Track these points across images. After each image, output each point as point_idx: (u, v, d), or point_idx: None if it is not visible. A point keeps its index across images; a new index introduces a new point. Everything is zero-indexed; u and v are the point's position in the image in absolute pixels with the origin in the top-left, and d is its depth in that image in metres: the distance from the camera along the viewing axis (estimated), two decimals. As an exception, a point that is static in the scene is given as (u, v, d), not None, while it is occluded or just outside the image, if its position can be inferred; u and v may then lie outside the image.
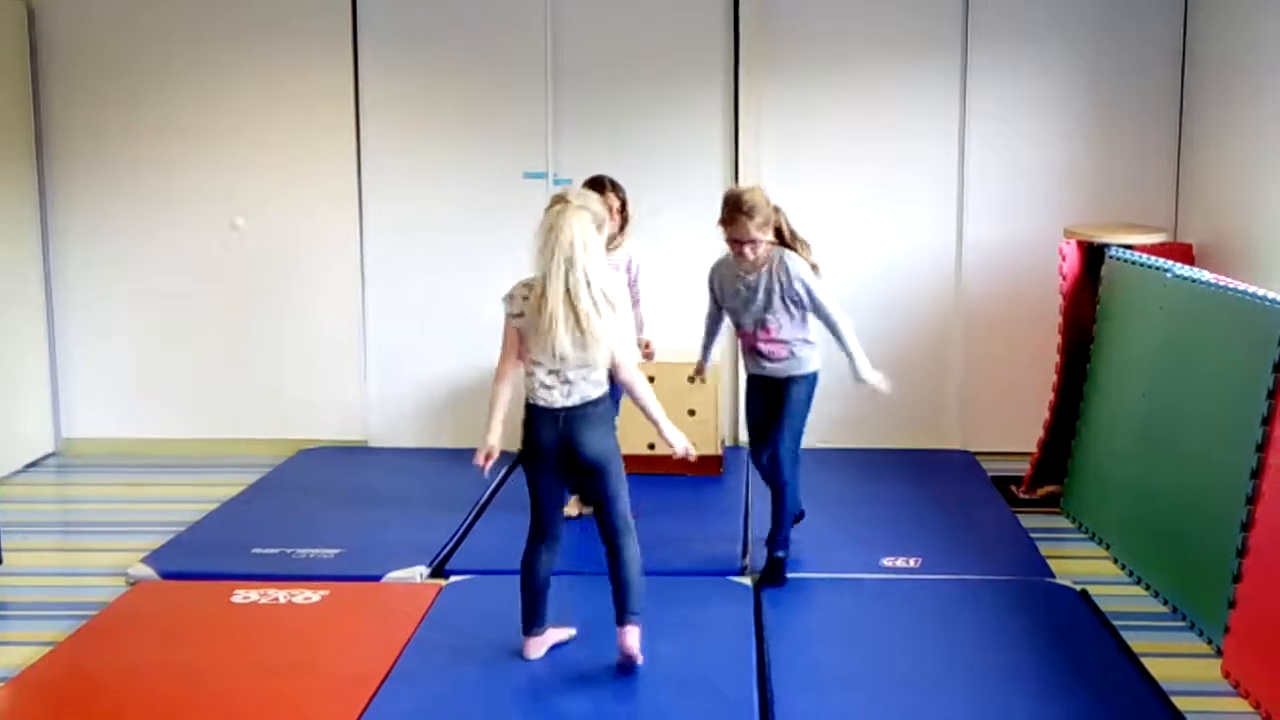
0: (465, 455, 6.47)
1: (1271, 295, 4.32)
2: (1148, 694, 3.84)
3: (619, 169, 6.52)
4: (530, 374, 3.97)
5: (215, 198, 6.70)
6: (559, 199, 3.96)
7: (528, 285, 3.94)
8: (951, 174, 6.52)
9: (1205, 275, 4.89)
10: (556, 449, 3.94)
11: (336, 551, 5.10)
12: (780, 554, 4.73)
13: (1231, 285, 4.62)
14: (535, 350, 3.90)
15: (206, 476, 6.36)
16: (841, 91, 6.52)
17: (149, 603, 4.65)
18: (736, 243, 4.64)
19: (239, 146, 6.68)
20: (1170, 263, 5.17)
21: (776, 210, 4.69)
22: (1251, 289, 4.49)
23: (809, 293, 4.62)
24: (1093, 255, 5.71)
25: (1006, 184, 6.49)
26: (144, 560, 4.99)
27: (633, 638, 3.93)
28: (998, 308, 6.53)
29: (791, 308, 4.65)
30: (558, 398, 3.92)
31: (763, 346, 4.73)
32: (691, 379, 5.14)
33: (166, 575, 4.88)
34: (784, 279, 4.62)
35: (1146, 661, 4.07)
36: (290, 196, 6.72)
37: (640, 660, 3.93)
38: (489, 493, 5.92)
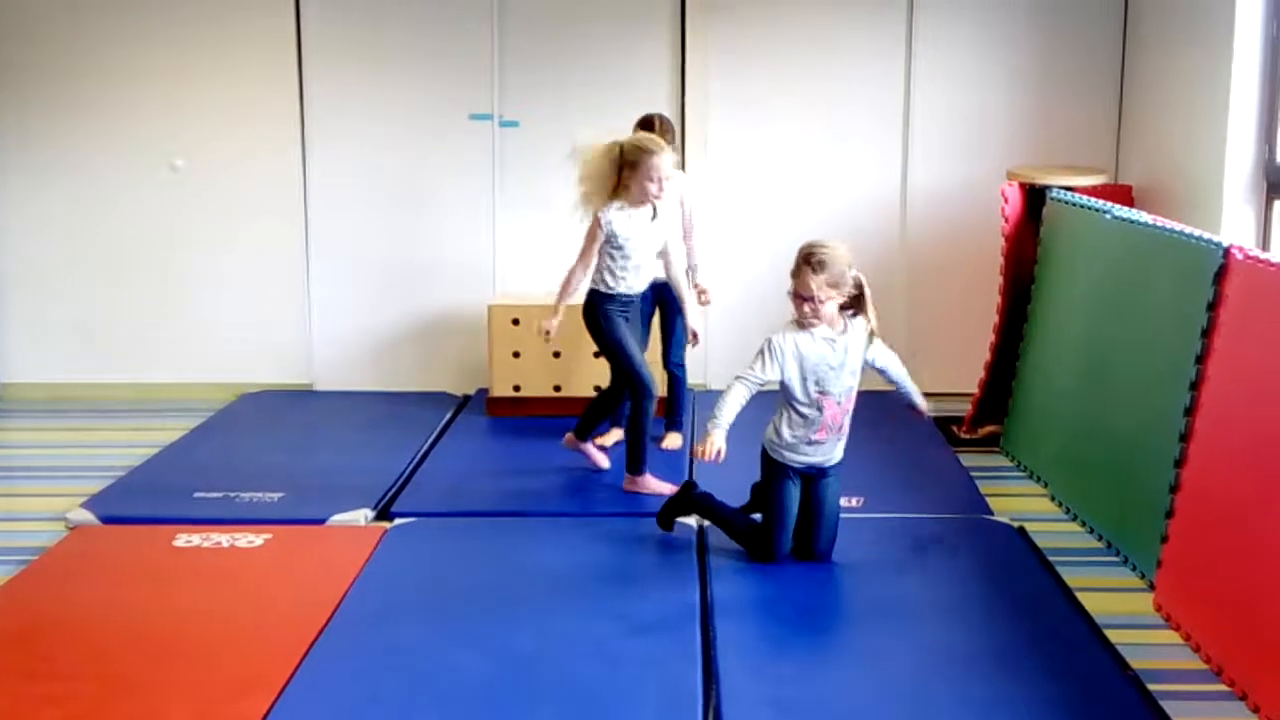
0: (410, 398, 6.54)
1: (1206, 235, 4.37)
2: (1081, 627, 3.91)
3: (566, 110, 6.54)
4: None
5: (155, 139, 6.61)
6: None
7: None
8: (896, 116, 6.53)
9: (1143, 216, 4.94)
10: None
11: (280, 495, 5.08)
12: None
13: (1168, 226, 4.67)
14: None
15: (148, 421, 6.31)
16: (788, 32, 6.50)
17: (89, 547, 4.62)
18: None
19: (179, 87, 6.58)
20: (1110, 204, 5.21)
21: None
22: (1187, 229, 4.53)
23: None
24: (1034, 197, 5.75)
25: (950, 126, 6.52)
26: (84, 505, 4.95)
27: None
28: (941, 249, 6.57)
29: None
30: None
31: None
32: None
33: (107, 520, 4.84)
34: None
35: (1081, 596, 4.14)
36: (231, 137, 6.64)
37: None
38: (434, 435, 5.93)
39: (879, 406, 6.34)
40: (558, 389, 6.19)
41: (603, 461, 5.31)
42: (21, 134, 6.63)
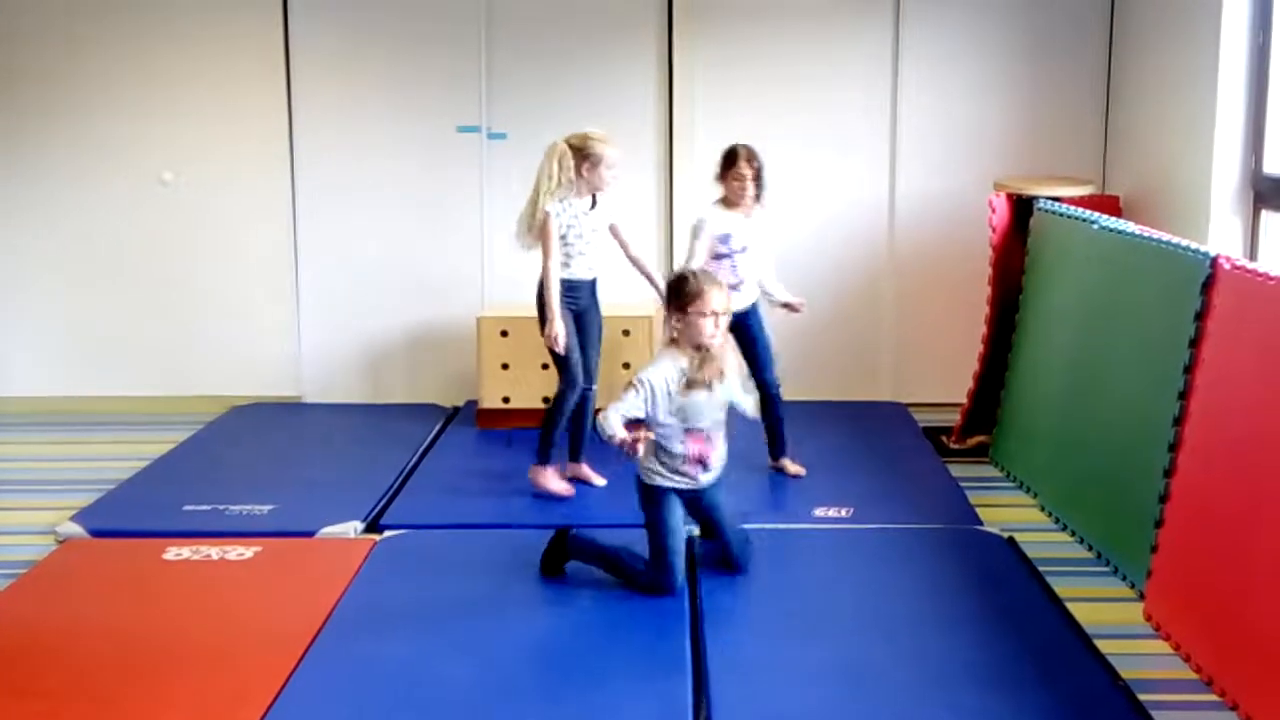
0: (399, 411, 6.53)
1: (1194, 246, 4.38)
2: (1071, 637, 3.92)
3: (554, 122, 6.51)
4: None
5: (144, 152, 6.60)
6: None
7: None
8: (884, 126, 6.55)
9: (1131, 226, 4.95)
10: None
11: (270, 508, 5.07)
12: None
13: (1156, 236, 4.69)
14: None
15: (137, 434, 6.30)
16: (776, 42, 6.51)
17: (79, 560, 4.61)
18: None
19: (169, 99, 6.57)
20: (1097, 214, 5.23)
21: None
22: (1175, 240, 4.55)
23: None
24: (1022, 207, 5.76)
25: (938, 136, 6.53)
26: (73, 518, 4.94)
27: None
28: (929, 259, 6.59)
29: None
30: None
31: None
32: None
33: (96, 533, 4.83)
34: None
35: (1071, 605, 4.15)
36: (220, 150, 6.63)
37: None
38: (424, 448, 5.92)
39: (866, 418, 6.39)
40: (547, 401, 6.15)
41: (597, 480, 5.34)
42: (9, 146, 6.61)
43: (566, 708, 3.51)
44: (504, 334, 6.17)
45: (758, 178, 5.15)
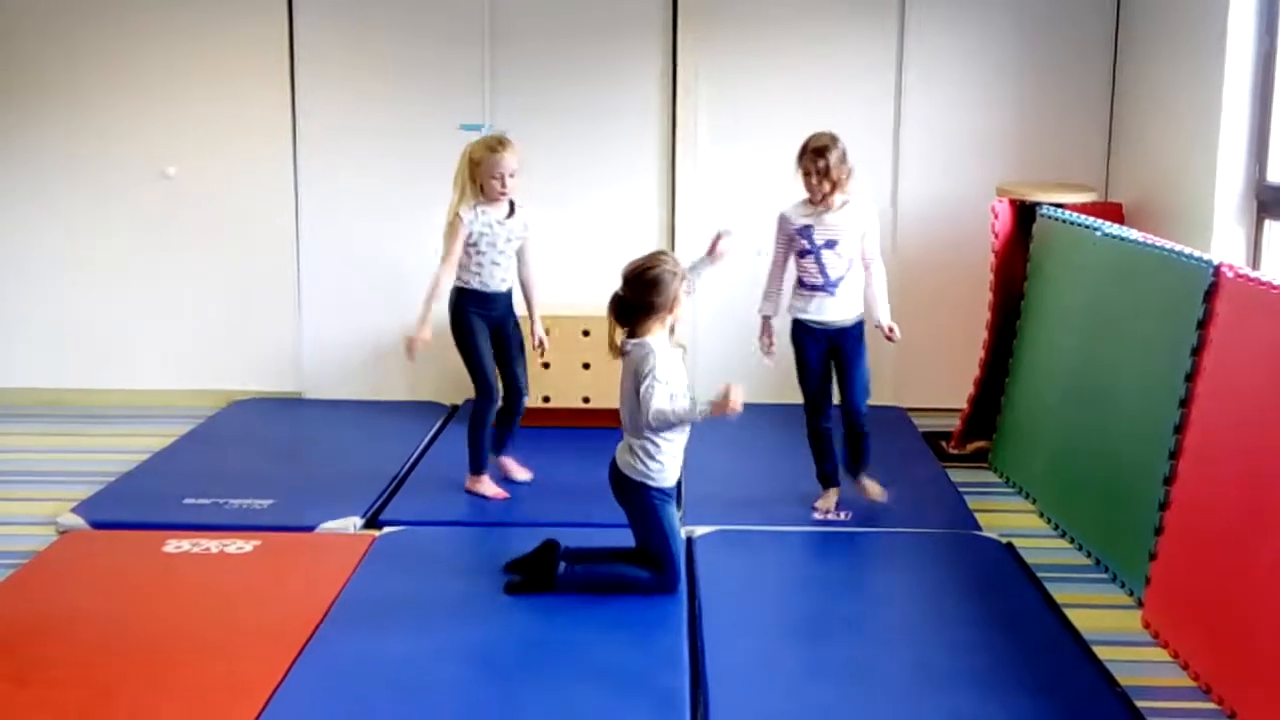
0: (398, 407, 6.53)
1: (1197, 253, 4.39)
2: (1069, 643, 3.92)
3: (556, 121, 6.56)
4: None
5: (147, 146, 6.61)
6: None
7: None
8: (887, 131, 6.55)
9: (1134, 234, 4.96)
10: None
11: (269, 502, 5.08)
12: None
13: (1159, 244, 4.69)
14: None
15: (138, 427, 6.30)
16: (780, 47, 6.51)
17: (79, 552, 4.62)
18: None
19: (171, 94, 6.58)
20: (1100, 221, 5.23)
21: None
22: (1178, 247, 4.56)
23: None
24: (1024, 214, 5.77)
25: (941, 142, 6.54)
26: (74, 510, 4.94)
27: None
28: (931, 265, 6.59)
29: None
30: None
31: None
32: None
33: (97, 525, 4.84)
34: None
35: (1069, 612, 4.15)
36: (223, 146, 6.63)
37: None
38: (423, 444, 5.93)
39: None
40: (547, 400, 6.20)
41: (521, 474, 5.36)
42: (12, 139, 6.61)
43: (564, 705, 3.51)
44: (505, 332, 6.16)
45: (823, 173, 4.78)
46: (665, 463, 4.22)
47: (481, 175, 4.96)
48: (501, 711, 3.49)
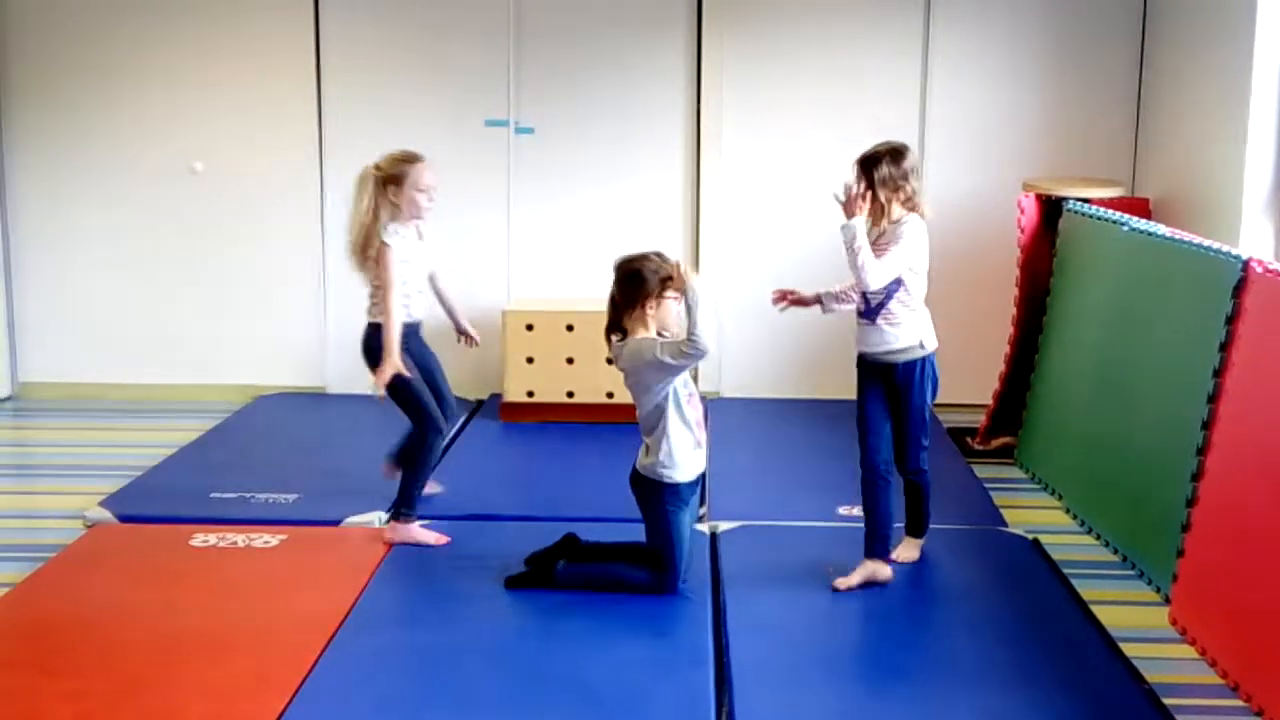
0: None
1: (1225, 248, 4.36)
2: (1095, 640, 3.91)
3: (581, 117, 6.56)
4: None
5: (174, 141, 6.64)
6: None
7: None
8: (912, 126, 6.52)
9: (1161, 229, 4.93)
10: None
11: (295, 496, 5.10)
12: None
13: (1186, 238, 4.67)
14: None
15: (165, 422, 6.33)
16: (804, 41, 6.51)
17: (107, 545, 4.64)
18: None
19: (199, 89, 6.61)
20: (1127, 216, 5.21)
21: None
22: (1206, 242, 4.53)
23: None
24: (1051, 209, 5.74)
25: (967, 136, 6.52)
26: (102, 503, 4.97)
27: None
28: (956, 260, 6.53)
29: None
30: None
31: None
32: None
33: (124, 518, 4.86)
34: None
35: (1096, 609, 4.14)
36: (250, 141, 6.66)
37: None
38: (448, 440, 5.93)
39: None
40: (571, 395, 6.21)
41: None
42: (41, 134, 6.66)
43: (589, 702, 3.51)
44: (529, 328, 6.19)
45: (869, 186, 4.24)
46: (678, 457, 4.18)
47: (403, 191, 4.52)
48: (526, 706, 3.49)
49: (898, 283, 4.23)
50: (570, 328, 6.19)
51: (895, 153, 4.25)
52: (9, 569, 4.43)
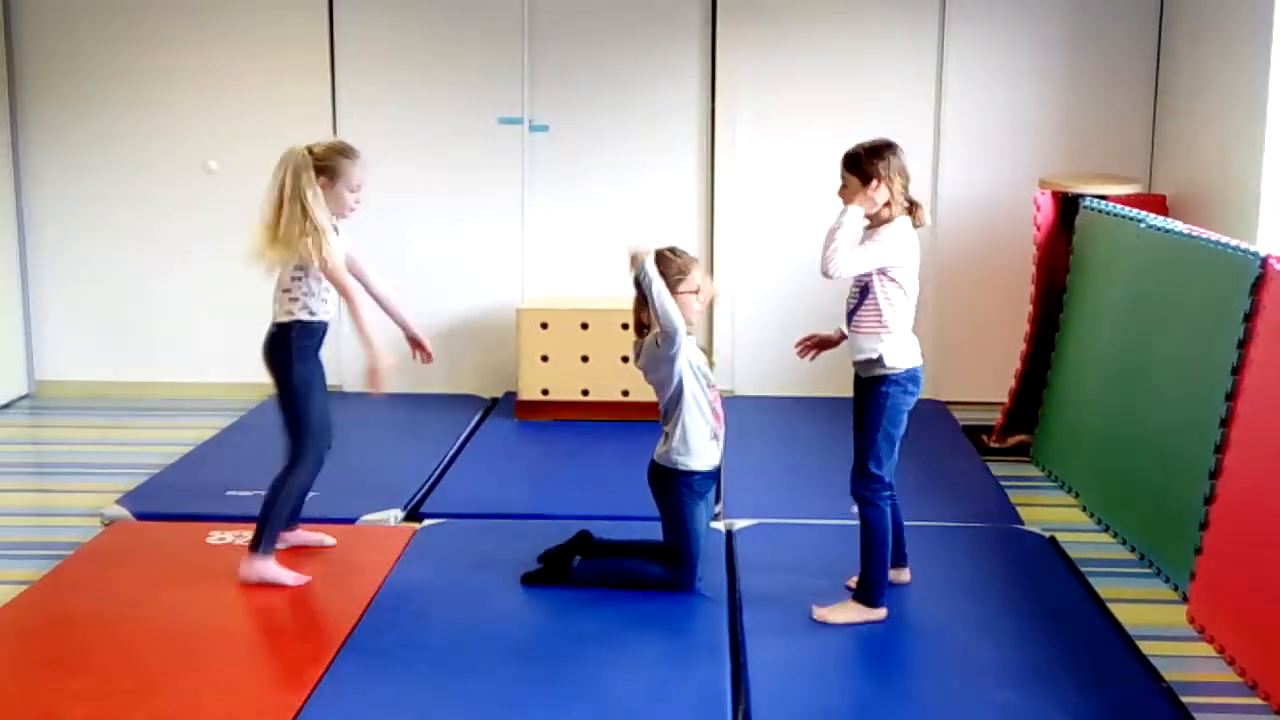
0: (437, 400, 6.55)
1: (1243, 245, 4.35)
2: (1114, 639, 3.89)
3: (596, 115, 6.56)
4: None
5: (189, 140, 6.66)
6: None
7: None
8: (928, 124, 6.51)
9: (1178, 226, 4.91)
10: None
11: (311, 494, 5.07)
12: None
13: (1204, 235, 4.65)
14: None
15: (181, 419, 6.35)
16: (819, 40, 6.50)
17: (124, 543, 4.66)
18: None
19: (214, 89, 6.63)
20: (1144, 213, 5.19)
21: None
22: (1224, 239, 4.51)
23: None
24: (1067, 206, 5.73)
25: (982, 134, 6.50)
26: (119, 501, 4.99)
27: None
28: (971, 257, 6.56)
29: None
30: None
31: None
32: None
33: (141, 516, 4.88)
34: None
35: (1113, 607, 4.12)
36: (265, 139, 6.61)
37: None
38: (463, 438, 5.94)
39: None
40: (586, 393, 6.21)
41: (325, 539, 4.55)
42: (57, 133, 6.68)
43: (605, 699, 3.51)
44: (544, 326, 6.19)
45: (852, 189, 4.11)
46: (693, 444, 4.16)
47: (334, 185, 4.24)
48: (542, 704, 3.49)
49: (867, 290, 4.01)
50: (585, 326, 6.19)
51: (870, 149, 4.12)
52: (26, 567, 4.45)
